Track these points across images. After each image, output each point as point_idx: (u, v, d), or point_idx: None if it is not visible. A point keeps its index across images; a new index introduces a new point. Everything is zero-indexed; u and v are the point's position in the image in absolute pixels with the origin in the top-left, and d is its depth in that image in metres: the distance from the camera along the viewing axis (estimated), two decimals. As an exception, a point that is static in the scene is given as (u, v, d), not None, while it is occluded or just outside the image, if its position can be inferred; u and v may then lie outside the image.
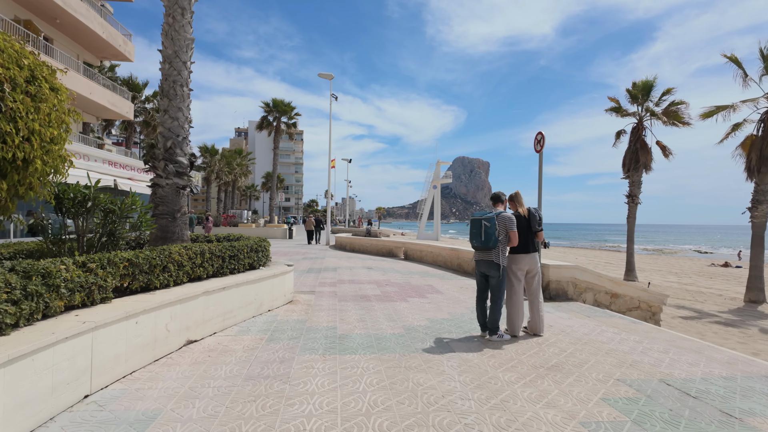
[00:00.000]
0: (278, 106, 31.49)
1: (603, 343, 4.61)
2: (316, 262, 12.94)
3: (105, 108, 19.38)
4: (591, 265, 23.69)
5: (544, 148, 7.40)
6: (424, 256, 13.25)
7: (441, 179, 53.41)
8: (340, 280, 9.13)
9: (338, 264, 12.57)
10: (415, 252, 13.96)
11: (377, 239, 16.23)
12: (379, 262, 13.45)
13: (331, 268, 11.36)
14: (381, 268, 11.64)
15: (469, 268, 10.58)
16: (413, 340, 4.54)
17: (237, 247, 5.77)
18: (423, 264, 12.81)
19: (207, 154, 43.30)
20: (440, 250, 12.17)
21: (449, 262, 11.60)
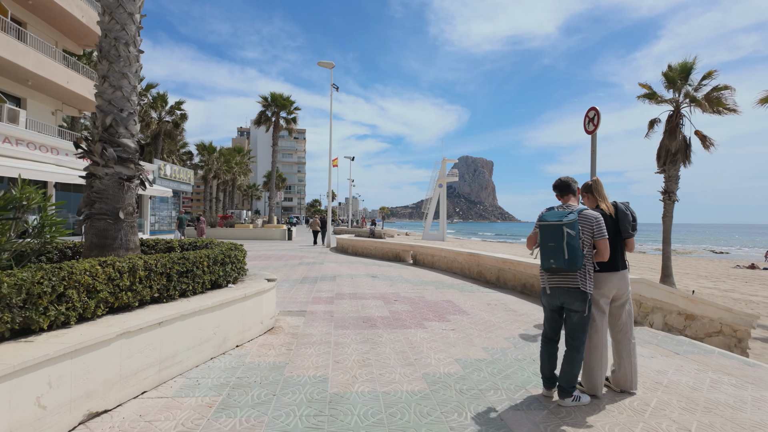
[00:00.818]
0: (277, 101, 29.95)
1: (731, 407, 3.00)
2: (313, 269, 11.38)
3: (87, 99, 17.89)
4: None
5: (597, 128, 5.78)
6: (437, 261, 11.65)
7: (447, 177, 51.73)
8: (338, 294, 7.55)
9: (338, 271, 10.99)
10: (425, 256, 12.36)
11: (382, 241, 14.65)
12: (386, 268, 11.87)
13: (330, 277, 9.78)
14: (388, 276, 10.05)
15: (491, 277, 8.98)
16: (443, 408, 2.95)
17: (193, 260, 4.19)
18: (435, 271, 11.22)
19: (205, 152, 41.83)
20: (456, 255, 10.57)
21: (467, 269, 9.99)
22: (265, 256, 15.32)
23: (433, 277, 9.84)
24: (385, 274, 10.43)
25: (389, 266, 12.23)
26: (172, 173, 20.00)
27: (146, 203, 18.33)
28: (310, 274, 10.32)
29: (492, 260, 8.98)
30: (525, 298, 7.41)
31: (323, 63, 19.77)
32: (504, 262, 8.52)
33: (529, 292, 7.68)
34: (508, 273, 8.39)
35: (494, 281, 8.88)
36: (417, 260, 12.76)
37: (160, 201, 20.27)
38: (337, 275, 10.12)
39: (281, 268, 11.42)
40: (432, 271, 11.02)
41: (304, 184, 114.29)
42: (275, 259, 14.24)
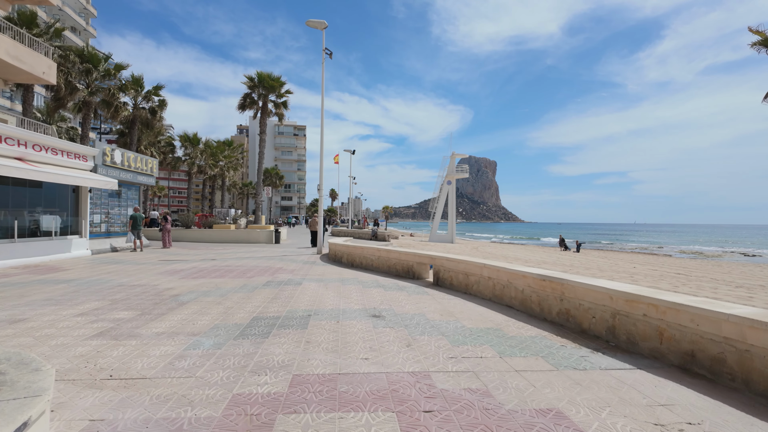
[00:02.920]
0: (264, 81, 25.83)
1: None
2: (281, 296, 7.22)
3: (6, 64, 13.80)
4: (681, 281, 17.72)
5: None
6: (476, 284, 7.38)
7: (456, 174, 47.37)
8: (298, 380, 3.38)
9: (319, 301, 6.84)
10: (455, 275, 8.15)
11: (389, 249, 10.48)
12: (394, 293, 7.70)
13: (299, 318, 5.61)
14: (400, 317, 5.87)
15: (593, 325, 4.81)
16: None
17: None
18: (476, 301, 7.03)
19: (188, 144, 37.70)
20: (512, 276, 6.37)
21: (539, 304, 5.79)
22: (226, 269, 11.19)
23: (479, 320, 5.65)
24: (394, 309, 6.26)
25: (399, 290, 8.05)
26: (124, 161, 15.88)
27: (83, 196, 14.21)
28: (269, 310, 6.15)
29: (595, 292, 4.81)
30: (714, 393, 3.24)
31: (312, 22, 15.66)
32: (631, 297, 4.35)
33: (711, 372, 3.52)
34: (643, 323, 4.22)
35: (601, 333, 4.72)
36: (441, 279, 8.59)
37: (110, 196, 16.14)
38: (313, 312, 5.95)
39: (230, 295, 7.27)
40: (470, 302, 6.83)
41: (305, 182, 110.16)
42: (237, 274, 10.11)
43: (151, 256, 14.43)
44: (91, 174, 13.74)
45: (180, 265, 11.87)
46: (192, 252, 16.49)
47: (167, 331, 4.94)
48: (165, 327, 5.10)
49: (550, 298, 5.54)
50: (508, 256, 26.05)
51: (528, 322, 5.55)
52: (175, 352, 4.11)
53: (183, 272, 10.37)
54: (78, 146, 13.73)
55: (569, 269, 19.09)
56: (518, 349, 4.37)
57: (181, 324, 5.25)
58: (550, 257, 27.35)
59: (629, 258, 34.29)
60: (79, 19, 54.28)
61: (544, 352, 4.27)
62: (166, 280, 9.10)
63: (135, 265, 11.94)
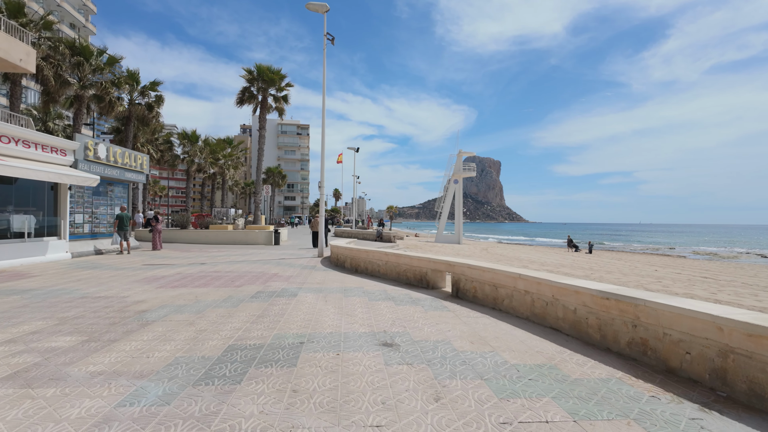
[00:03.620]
0: (264, 74, 24.54)
1: None
2: (269, 314, 5.92)
3: None
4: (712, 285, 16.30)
5: None
6: (515, 301, 5.96)
7: (463, 172, 45.92)
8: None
9: (315, 321, 5.53)
10: (480, 285, 6.80)
11: (398, 253, 9.17)
12: (407, 309, 6.40)
13: (287, 349, 4.27)
14: (417, 344, 4.56)
15: (701, 372, 3.49)
16: None
17: None
18: (512, 322, 5.69)
19: (186, 142, 36.46)
20: (558, 290, 5.06)
21: (601, 328, 4.46)
22: (214, 275, 9.91)
23: (523, 351, 4.32)
24: (410, 333, 4.94)
25: (413, 304, 6.74)
26: (110, 156, 14.66)
27: (62, 194, 12.99)
28: (252, 334, 4.85)
29: (691, 319, 3.48)
30: None
31: (313, 5, 14.40)
32: (757, 332, 3.03)
33: None
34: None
35: (701, 376, 3.40)
36: (462, 290, 7.26)
37: (95, 194, 14.93)
38: (306, 338, 4.65)
39: (208, 312, 5.98)
40: (504, 323, 5.50)
41: (308, 182, 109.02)
42: (225, 282, 8.82)
43: (136, 260, 13.19)
44: (68, 170, 12.51)
45: (164, 271, 10.61)
46: (183, 255, 15.25)
47: (108, 369, 3.65)
48: (108, 363, 3.82)
49: (616, 322, 4.21)
50: (521, 258, 24.66)
51: (587, 353, 4.22)
52: (99, 413, 2.82)
53: (163, 280, 9.11)
54: (56, 139, 12.50)
55: (591, 273, 17.70)
56: (594, 404, 3.05)
57: (131, 357, 3.97)
58: (564, 259, 25.95)
59: (645, 260, 32.83)
60: (78, 16, 53.34)
61: (634, 411, 2.95)
62: (139, 290, 7.84)
63: (113, 270, 10.69)
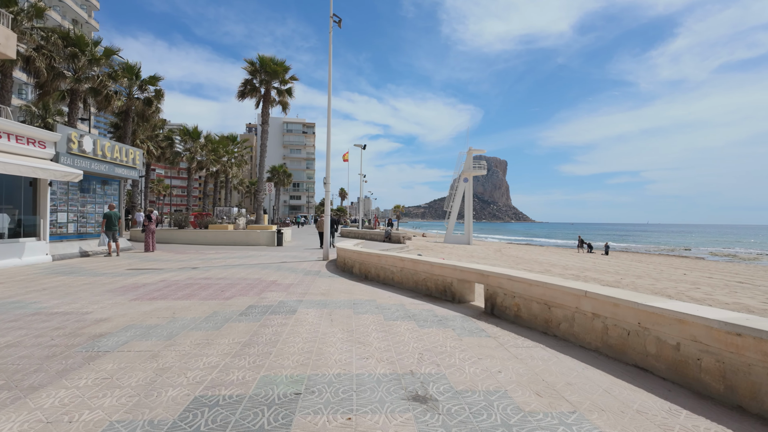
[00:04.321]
0: (267, 66, 23.26)
1: None
2: (260, 337, 4.57)
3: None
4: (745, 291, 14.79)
5: None
6: (577, 326, 4.51)
7: (473, 170, 44.35)
8: None
9: (318, 348, 4.17)
10: (527, 303, 5.36)
11: (415, 260, 7.83)
12: (439, 338, 5.07)
13: (277, 402, 2.89)
14: (470, 404, 3.19)
15: None
16: None
17: None
18: (579, 356, 4.32)
19: (187, 138, 35.26)
20: (648, 317, 3.71)
21: (725, 376, 3.11)
22: (203, 283, 8.62)
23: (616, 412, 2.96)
24: (446, 376, 3.57)
25: (440, 326, 5.38)
26: (97, 149, 13.45)
27: (42, 191, 11.79)
28: (229, 377, 3.50)
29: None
30: None
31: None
32: None
33: None
34: None
35: None
36: (499, 307, 5.89)
37: (82, 191, 13.74)
38: (304, 386, 3.29)
39: (181, 337, 4.67)
40: (568, 358, 4.11)
41: (314, 182, 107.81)
42: (213, 292, 7.52)
43: (122, 263, 11.96)
44: (47, 163, 11.29)
45: (147, 277, 9.34)
46: (176, 257, 14.00)
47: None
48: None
49: (757, 370, 2.85)
50: (540, 260, 23.18)
51: (714, 415, 2.86)
52: None
53: (143, 289, 7.83)
54: (33, 129, 11.28)
55: (621, 278, 16.22)
56: None
57: (44, 424, 2.66)
58: (584, 262, 24.44)
59: (666, 262, 31.21)
60: (81, 11, 52.52)
61: None
62: (109, 303, 6.55)
63: (91, 276, 9.44)
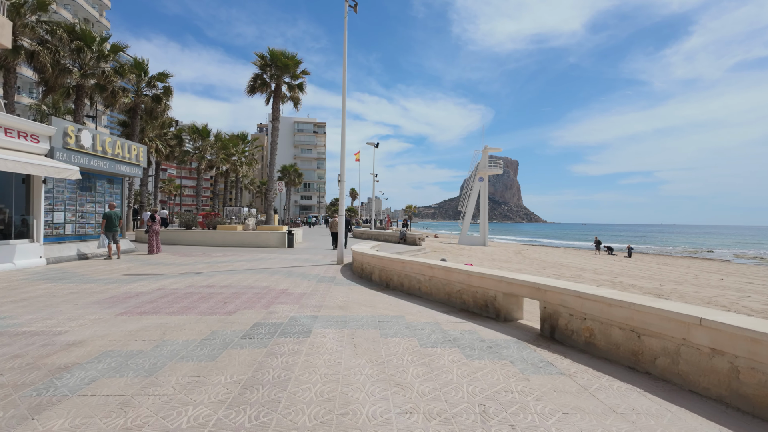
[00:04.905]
0: (277, 60, 22.30)
1: None
2: (266, 373, 3.49)
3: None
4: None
5: None
6: (692, 363, 3.43)
7: (489, 170, 42.96)
8: None
9: (342, 391, 3.07)
10: (606, 327, 4.22)
11: (448, 268, 6.73)
12: (497, 375, 3.99)
13: None
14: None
15: None
16: None
17: None
18: (700, 410, 3.23)
19: (196, 136, 34.51)
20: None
21: None
22: (204, 293, 7.61)
23: None
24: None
25: (492, 356, 4.27)
26: (97, 145, 12.58)
27: (36, 189, 10.93)
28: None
29: None
30: None
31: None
32: None
33: None
34: None
35: None
36: (562, 330, 4.77)
37: (82, 189, 12.90)
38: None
39: (164, 372, 3.60)
40: (689, 414, 3.00)
41: (324, 181, 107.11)
42: (215, 304, 6.50)
43: (121, 267, 11.04)
44: (40, 159, 10.40)
45: (144, 285, 8.37)
46: (180, 260, 13.07)
47: None
48: None
49: None
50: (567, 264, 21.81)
51: None
52: None
53: (135, 300, 6.84)
54: (23, 122, 10.41)
55: (660, 285, 14.88)
56: None
57: None
58: (611, 265, 23.04)
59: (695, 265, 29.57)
60: (92, 10, 52.31)
61: None
62: (90, 319, 5.57)
63: (81, 283, 8.50)
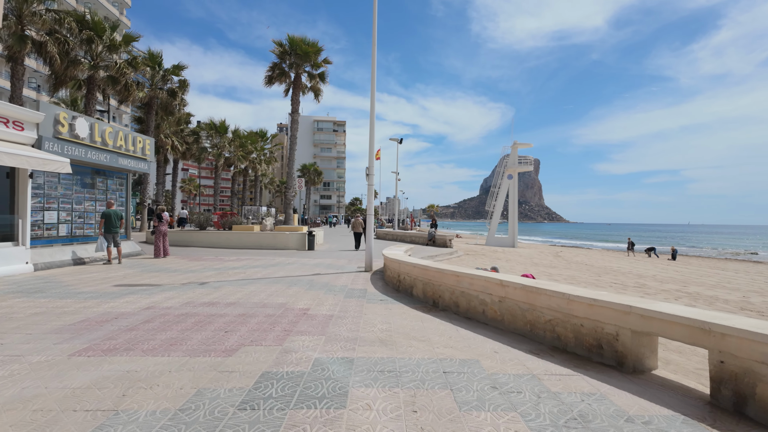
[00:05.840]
0: (297, 47, 20.66)
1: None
2: None
3: None
4: None
5: None
6: None
7: (519, 167, 40.49)
8: None
9: None
10: None
11: (532, 287, 4.92)
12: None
13: None
14: None
15: None
16: None
17: None
18: None
19: (214, 133, 33.25)
20: None
21: None
22: (203, 314, 5.90)
23: None
24: None
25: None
26: (95, 135, 11.18)
27: (21, 183, 9.51)
28: None
29: None
30: None
31: None
32: None
33: None
34: None
35: None
36: (762, 402, 2.89)
37: (81, 185, 11.49)
38: None
39: None
40: None
41: (344, 181, 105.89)
42: (214, 334, 4.77)
43: (116, 275, 9.51)
44: (23, 149, 8.95)
45: (132, 301, 6.76)
46: (187, 266, 11.52)
47: None
48: None
49: None
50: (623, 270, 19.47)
51: None
52: None
53: (110, 326, 5.20)
54: (3, 105, 8.96)
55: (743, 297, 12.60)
56: None
57: None
58: (666, 271, 20.60)
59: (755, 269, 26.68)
60: (112, 8, 52.00)
61: None
62: (30, 363, 3.91)
63: (57, 297, 6.94)
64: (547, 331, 4.70)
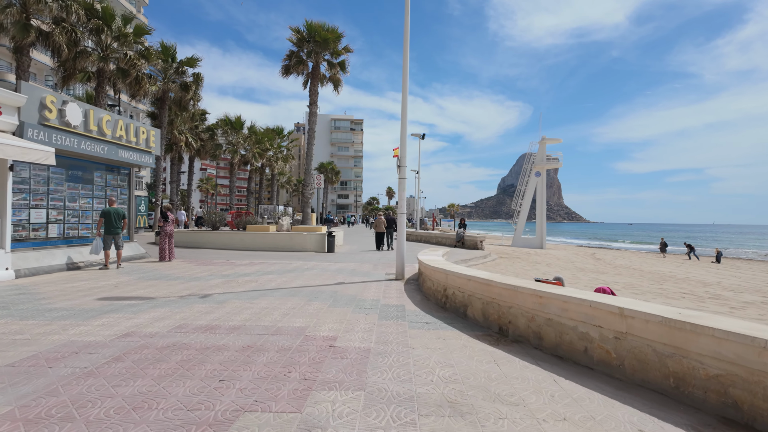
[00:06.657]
0: (316, 33, 19.17)
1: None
2: None
3: None
4: None
5: None
6: None
7: (547, 163, 38.31)
8: None
9: None
10: None
11: (660, 317, 3.11)
12: None
13: None
14: None
15: None
16: None
17: None
18: None
19: (229, 129, 32.09)
20: None
21: None
22: (196, 344, 4.37)
23: None
24: None
25: None
26: (91, 123, 9.89)
27: (0, 175, 8.18)
28: None
29: None
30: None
31: None
32: None
33: None
34: None
35: None
36: None
37: (74, 180, 10.18)
38: None
39: None
40: None
41: (361, 180, 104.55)
42: (202, 389, 3.20)
43: (107, 284, 8.14)
44: (20, 141, 7.62)
45: (109, 324, 5.30)
46: (193, 272, 10.11)
47: None
48: None
49: None
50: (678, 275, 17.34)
51: None
52: None
53: (64, 365, 3.71)
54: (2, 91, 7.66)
55: None
56: None
57: None
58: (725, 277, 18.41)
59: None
60: (129, 6, 51.60)
61: None
62: None
63: (18, 318, 5.52)
64: (710, 392, 3.01)
